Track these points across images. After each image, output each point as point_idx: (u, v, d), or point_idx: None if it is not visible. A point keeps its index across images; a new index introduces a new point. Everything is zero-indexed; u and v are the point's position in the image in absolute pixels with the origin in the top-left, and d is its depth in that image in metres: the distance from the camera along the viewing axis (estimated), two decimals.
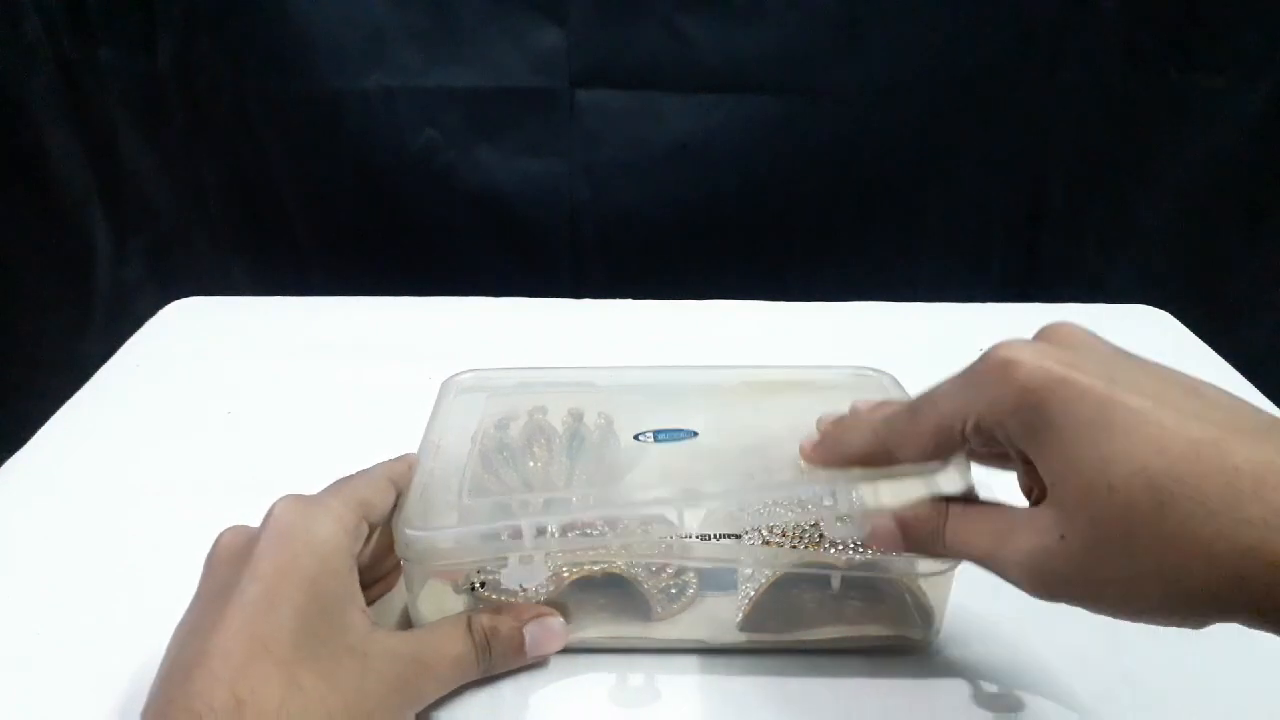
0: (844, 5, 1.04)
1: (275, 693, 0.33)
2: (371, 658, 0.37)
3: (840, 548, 0.45)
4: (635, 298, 0.80)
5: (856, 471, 0.40)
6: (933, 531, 0.38)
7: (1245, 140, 1.09)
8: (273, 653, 0.34)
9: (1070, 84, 1.09)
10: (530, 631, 0.43)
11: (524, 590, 0.45)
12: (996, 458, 0.39)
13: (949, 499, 0.39)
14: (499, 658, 0.43)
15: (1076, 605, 0.32)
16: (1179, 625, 0.31)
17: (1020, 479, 0.38)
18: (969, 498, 0.39)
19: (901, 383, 0.52)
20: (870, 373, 0.54)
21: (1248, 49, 1.04)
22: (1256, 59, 1.05)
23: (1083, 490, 0.31)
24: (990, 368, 0.34)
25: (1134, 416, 0.30)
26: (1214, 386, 0.32)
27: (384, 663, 0.37)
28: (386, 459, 0.45)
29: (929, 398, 0.37)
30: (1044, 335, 0.37)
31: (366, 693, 0.36)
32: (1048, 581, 0.32)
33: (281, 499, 0.39)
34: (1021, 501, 0.36)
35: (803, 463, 0.41)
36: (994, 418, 0.34)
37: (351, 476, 0.43)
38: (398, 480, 0.44)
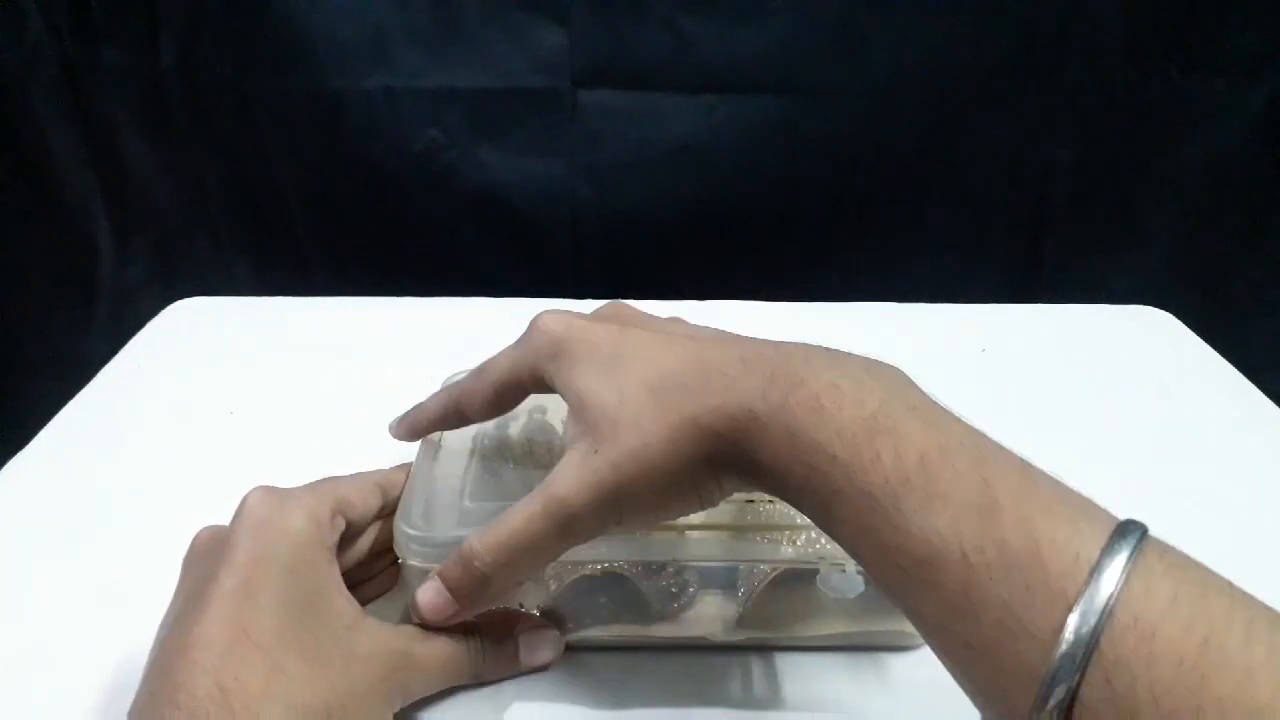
0: (845, 5, 1.04)
1: (259, 678, 0.33)
2: (358, 646, 0.37)
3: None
4: (636, 298, 0.79)
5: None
6: (472, 564, 0.38)
7: (1246, 140, 1.09)
8: (255, 639, 0.34)
9: (1071, 84, 1.09)
10: (525, 641, 0.43)
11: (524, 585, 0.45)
12: None
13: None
14: (490, 664, 0.43)
15: (626, 519, 0.37)
16: (694, 504, 0.37)
17: None
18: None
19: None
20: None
21: (1248, 49, 1.04)
22: (1257, 59, 1.05)
23: (602, 405, 0.37)
24: (534, 329, 0.42)
25: (636, 350, 0.38)
26: (710, 332, 0.41)
27: (371, 652, 0.37)
28: (382, 468, 0.46)
29: (491, 361, 0.44)
30: (593, 313, 0.44)
31: (352, 678, 0.36)
32: (602, 495, 0.36)
33: (253, 490, 0.39)
34: None
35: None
36: (539, 365, 0.40)
37: (332, 477, 0.43)
38: (387, 487, 0.44)
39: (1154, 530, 0.28)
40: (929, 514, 0.29)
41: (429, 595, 0.39)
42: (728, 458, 0.34)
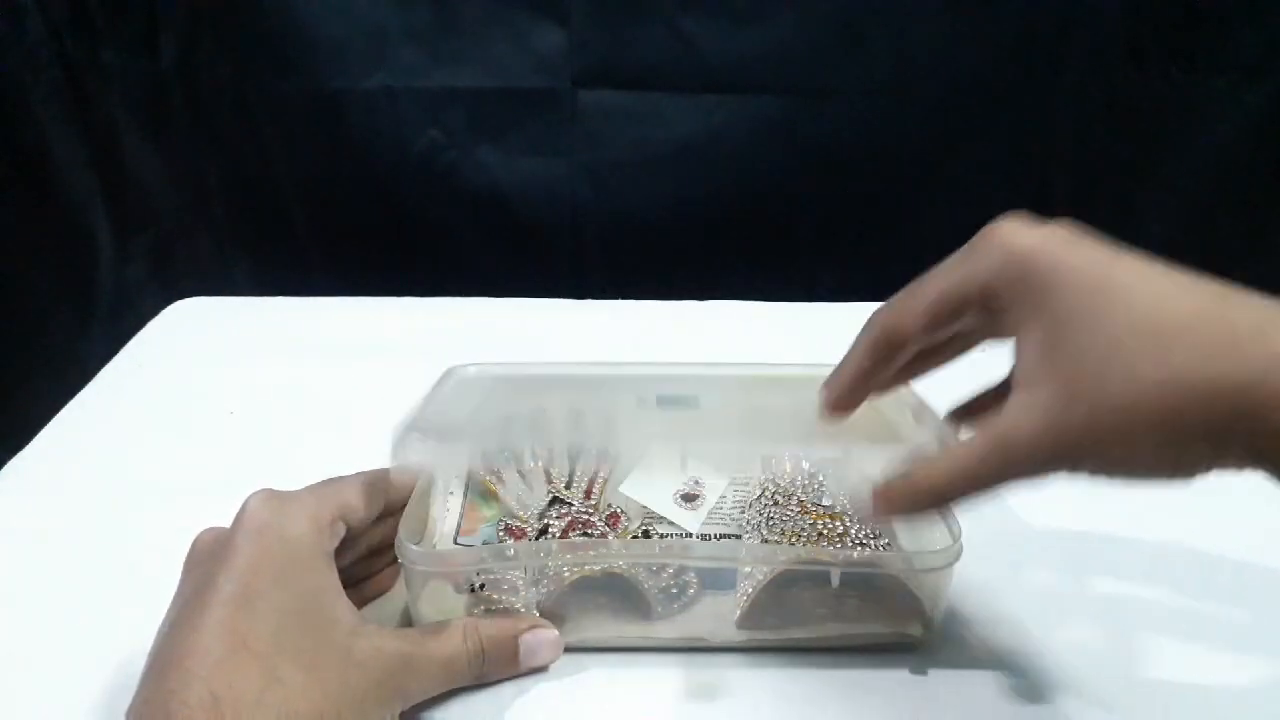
0: (845, 6, 1.04)
1: (253, 686, 0.33)
2: (355, 651, 0.37)
3: (839, 545, 0.45)
4: (636, 298, 0.80)
5: (861, 434, 0.43)
6: (917, 491, 0.37)
7: (1247, 141, 1.09)
8: (251, 647, 0.34)
9: (1072, 84, 1.09)
10: (525, 641, 0.43)
11: (524, 577, 0.45)
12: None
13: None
14: (492, 664, 0.43)
15: (1082, 470, 0.32)
16: (1171, 477, 0.32)
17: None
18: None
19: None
20: None
21: (1249, 50, 1.04)
22: (1258, 60, 1.05)
23: (1086, 347, 0.31)
24: (991, 239, 0.36)
25: (1134, 283, 0.32)
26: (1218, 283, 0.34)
27: (369, 657, 0.37)
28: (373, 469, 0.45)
29: (930, 272, 0.38)
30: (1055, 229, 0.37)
31: (349, 685, 0.36)
32: (1063, 446, 0.32)
33: (254, 494, 0.39)
34: None
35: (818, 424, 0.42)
36: (996, 285, 0.35)
37: (333, 479, 0.43)
38: (388, 487, 0.44)
39: (1154, 529, 0.28)
40: None
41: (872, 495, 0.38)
42: (1239, 436, 0.30)
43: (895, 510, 0.38)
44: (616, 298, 0.80)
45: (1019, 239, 0.35)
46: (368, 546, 0.45)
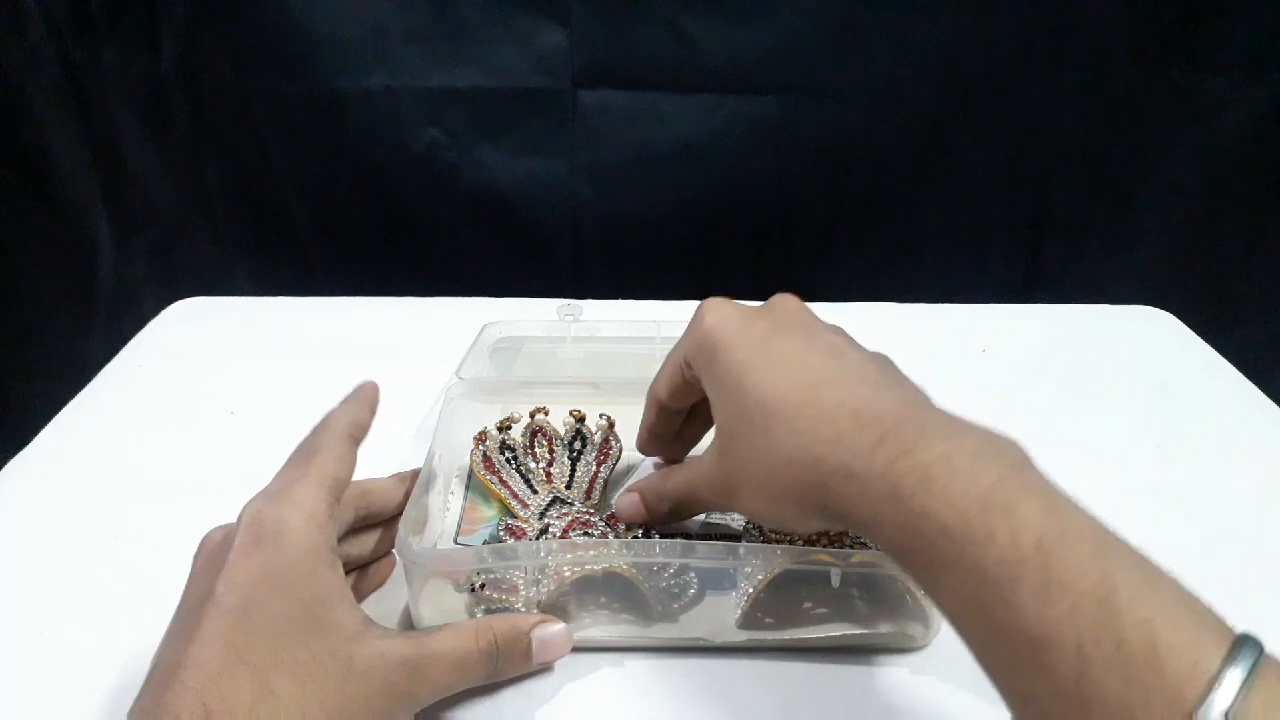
0: (845, 6, 1.04)
1: (245, 699, 0.32)
2: (357, 660, 0.36)
3: (839, 545, 0.45)
4: (636, 298, 0.80)
5: None
6: (659, 494, 0.46)
7: (1247, 141, 1.09)
8: (246, 659, 0.33)
9: (1072, 84, 1.09)
10: (538, 636, 0.43)
11: (524, 577, 0.45)
12: None
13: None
14: (506, 662, 0.42)
15: (735, 509, 0.45)
16: (789, 527, 0.41)
17: None
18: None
19: None
20: None
21: (1250, 50, 1.04)
22: (1259, 60, 1.05)
23: (728, 413, 0.40)
24: (695, 319, 0.43)
25: (765, 365, 0.39)
26: (862, 352, 0.41)
27: (371, 665, 0.36)
28: (340, 418, 0.45)
29: (674, 348, 0.46)
30: (765, 305, 0.44)
31: (348, 695, 0.35)
32: (715, 489, 0.42)
33: (254, 499, 0.39)
34: None
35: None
36: (690, 354, 0.43)
37: (312, 446, 0.42)
38: (356, 434, 0.44)
39: (1155, 528, 0.28)
40: (1045, 599, 0.28)
41: (629, 505, 0.47)
42: (823, 505, 0.36)
43: (647, 504, 0.47)
44: (615, 297, 0.80)
45: (707, 316, 0.42)
46: (356, 515, 0.45)
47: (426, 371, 0.65)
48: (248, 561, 0.36)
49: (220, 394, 0.67)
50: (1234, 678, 0.25)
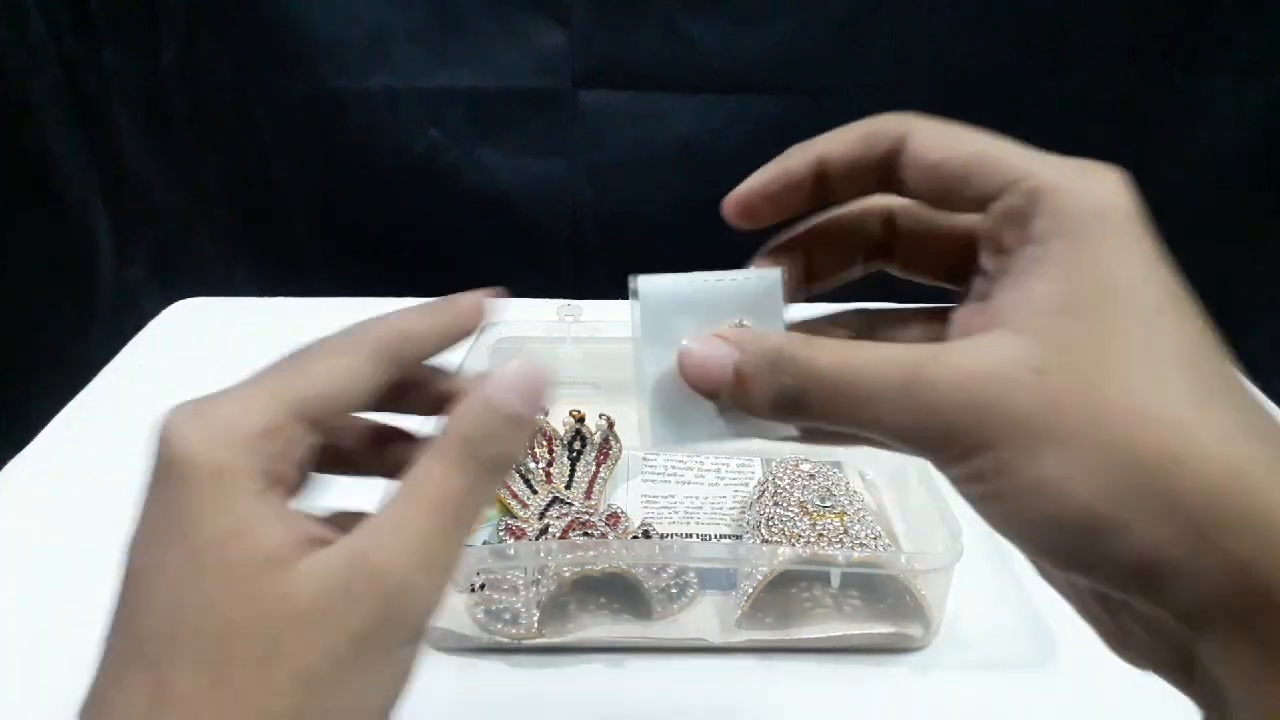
0: (845, 5, 1.04)
1: (138, 710, 0.24)
2: (290, 599, 0.24)
3: (839, 545, 0.45)
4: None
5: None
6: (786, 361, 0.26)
7: (1247, 141, 1.09)
8: (143, 652, 0.25)
9: (1072, 84, 1.09)
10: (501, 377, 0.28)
11: (524, 577, 0.45)
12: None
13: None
14: (495, 442, 0.27)
15: (969, 467, 0.23)
16: (1056, 564, 0.24)
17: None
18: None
19: None
20: None
21: (1248, 49, 1.04)
22: (1257, 59, 1.05)
23: (1107, 333, 0.23)
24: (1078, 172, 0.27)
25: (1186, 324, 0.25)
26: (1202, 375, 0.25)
27: (311, 607, 0.24)
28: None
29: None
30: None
31: (280, 666, 0.23)
32: (987, 428, 0.23)
33: (171, 410, 0.27)
34: None
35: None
36: (1031, 173, 0.26)
37: (310, 350, 0.29)
38: (395, 348, 0.29)
39: None
40: None
41: (706, 357, 0.28)
42: (1197, 529, 0.21)
43: (745, 370, 0.27)
44: (616, 298, 0.80)
45: (1103, 171, 0.26)
46: (365, 436, 0.32)
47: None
48: (147, 508, 0.26)
49: None
50: None
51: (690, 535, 0.52)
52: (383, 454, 0.32)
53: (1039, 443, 0.22)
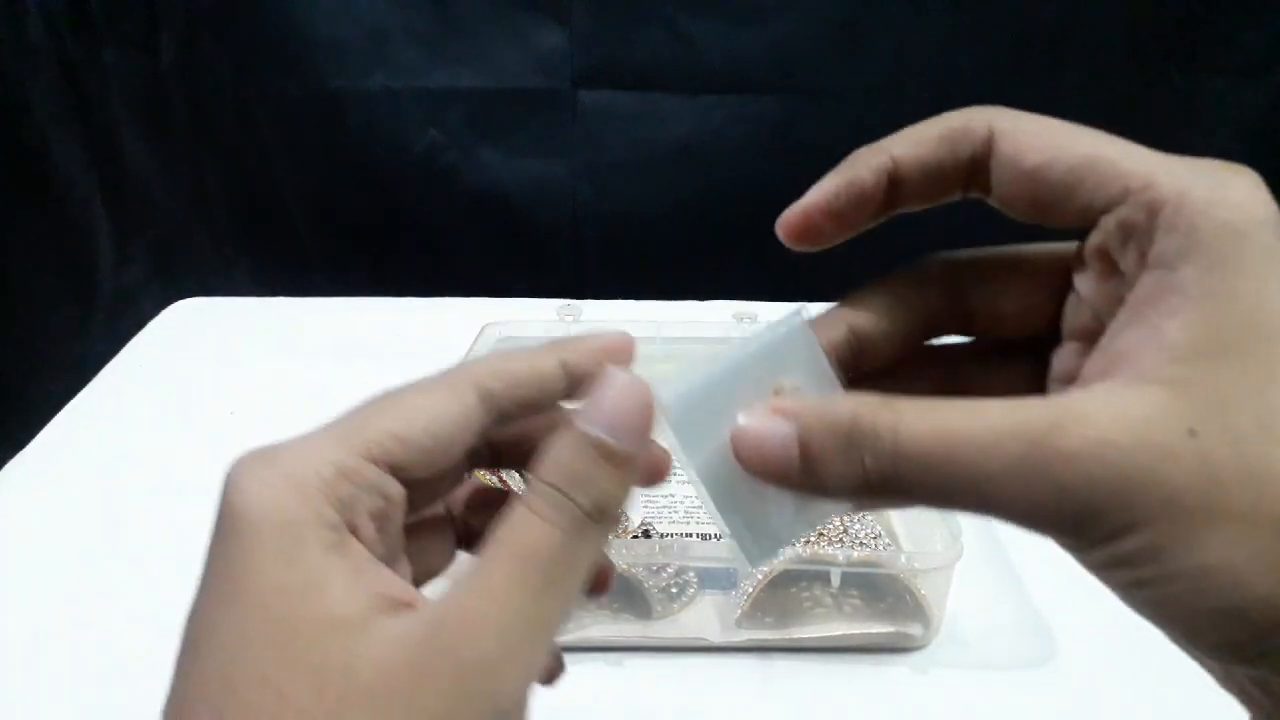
0: (845, 6, 1.04)
1: None
2: (358, 665, 0.21)
3: (839, 544, 0.45)
4: (636, 298, 0.80)
5: None
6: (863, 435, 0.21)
7: (1247, 141, 1.09)
8: (206, 698, 0.21)
9: (1072, 85, 1.09)
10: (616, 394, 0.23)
11: None
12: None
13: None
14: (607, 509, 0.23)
15: (1111, 556, 0.19)
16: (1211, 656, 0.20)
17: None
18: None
19: None
20: None
21: (1248, 50, 1.04)
22: (1257, 59, 1.05)
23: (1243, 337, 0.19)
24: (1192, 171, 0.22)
25: None
26: None
27: (378, 668, 0.21)
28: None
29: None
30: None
31: None
32: (1123, 513, 0.19)
33: (238, 461, 0.24)
34: None
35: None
36: (1161, 182, 0.22)
37: (407, 389, 0.25)
38: (495, 388, 0.25)
39: None
40: None
41: (762, 439, 0.22)
42: None
43: (810, 448, 0.21)
44: (616, 298, 0.80)
45: (1239, 179, 0.22)
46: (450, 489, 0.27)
47: (426, 372, 0.65)
48: (204, 572, 0.23)
49: (220, 394, 0.67)
50: None
51: (690, 535, 0.52)
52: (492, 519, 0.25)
53: (1200, 522, 0.18)
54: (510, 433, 0.25)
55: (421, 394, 0.24)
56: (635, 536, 0.48)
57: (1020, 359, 0.24)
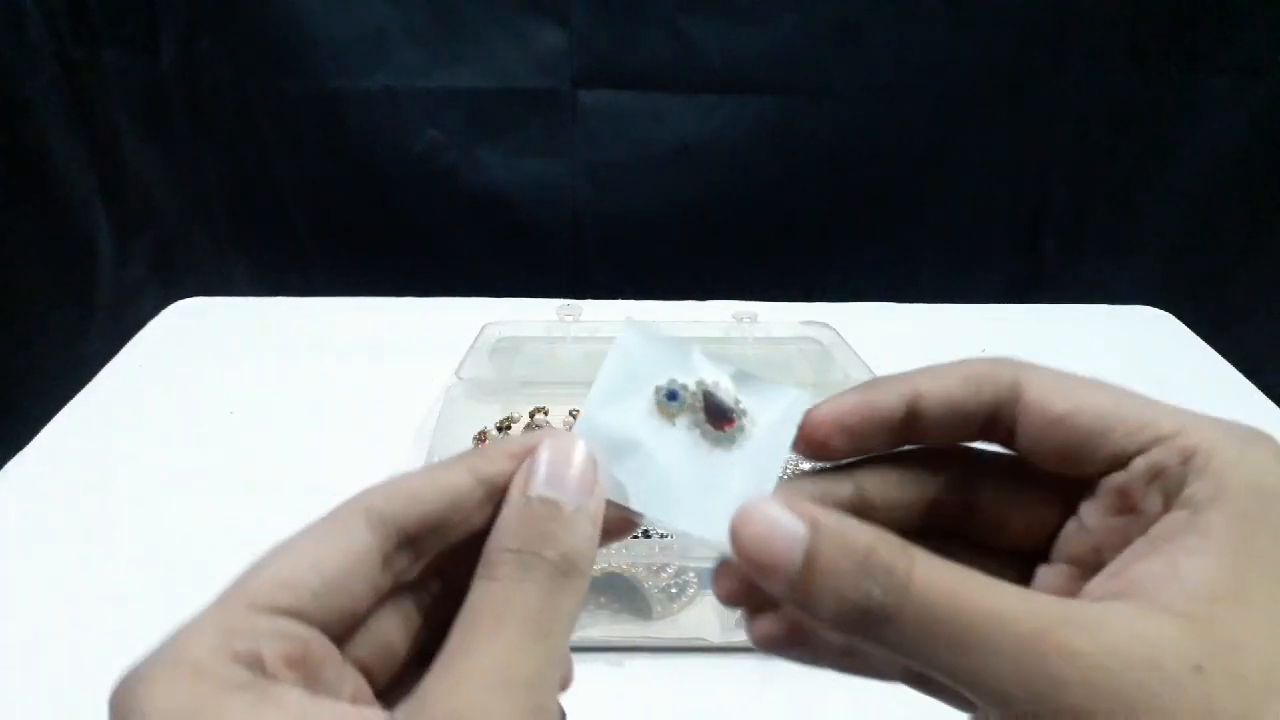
0: (844, 6, 1.04)
1: None
2: None
3: None
4: (636, 298, 0.80)
5: None
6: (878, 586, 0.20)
7: (1247, 140, 1.09)
8: None
9: (1072, 84, 1.09)
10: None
11: None
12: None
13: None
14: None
15: None
16: None
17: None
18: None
19: None
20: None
21: (1248, 49, 1.04)
22: (1257, 59, 1.05)
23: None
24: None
25: None
26: None
27: None
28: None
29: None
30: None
31: None
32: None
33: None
34: None
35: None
36: (1189, 430, 0.22)
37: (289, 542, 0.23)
38: (386, 515, 0.23)
39: None
40: None
41: (774, 527, 0.21)
42: None
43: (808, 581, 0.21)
44: (615, 297, 0.80)
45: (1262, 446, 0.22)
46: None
47: (426, 371, 0.65)
48: None
49: (220, 394, 0.67)
50: None
51: (690, 535, 0.52)
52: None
53: None
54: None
55: (306, 535, 0.23)
56: (635, 537, 0.48)
57: (1002, 568, 0.23)
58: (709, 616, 0.47)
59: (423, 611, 0.25)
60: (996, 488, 0.26)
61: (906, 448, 0.26)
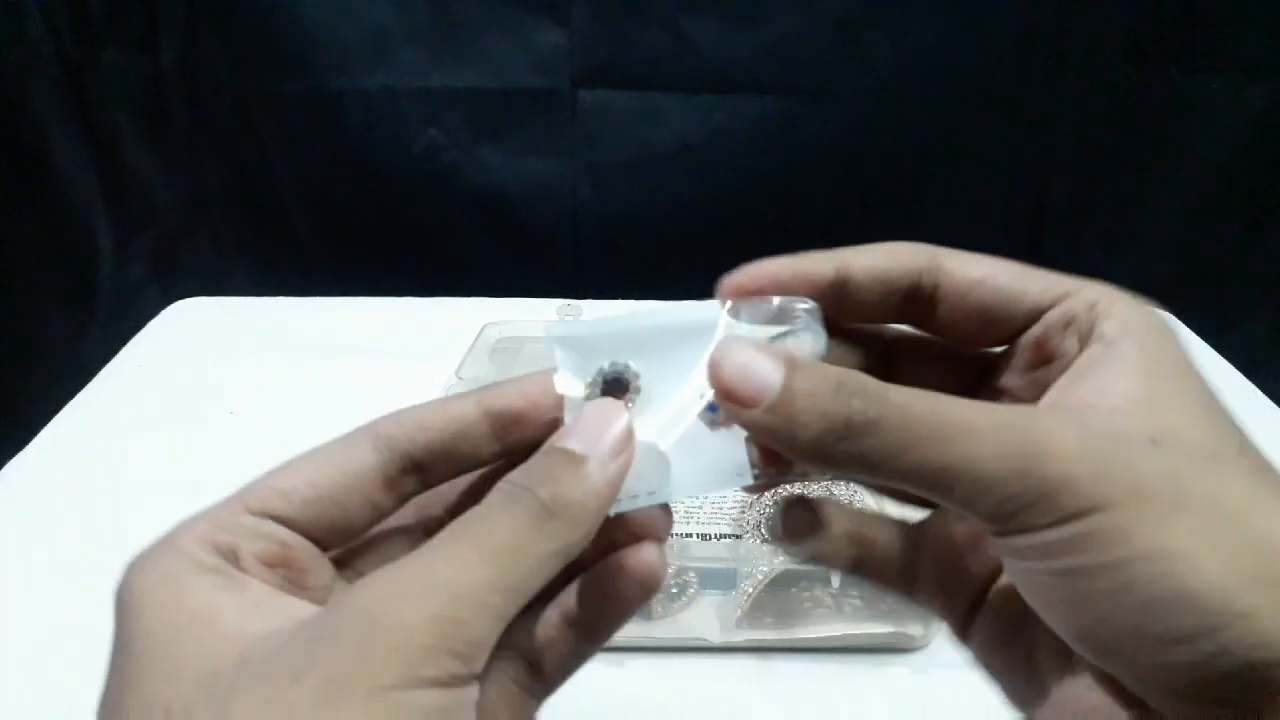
0: (845, 6, 1.04)
1: None
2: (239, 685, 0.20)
3: None
4: (636, 298, 0.80)
5: None
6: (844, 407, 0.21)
7: (1247, 140, 1.09)
8: None
9: (1072, 84, 1.09)
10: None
11: None
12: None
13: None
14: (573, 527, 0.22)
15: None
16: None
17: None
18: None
19: None
20: None
21: (1248, 49, 1.04)
22: (1258, 59, 1.05)
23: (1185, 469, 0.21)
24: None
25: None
26: None
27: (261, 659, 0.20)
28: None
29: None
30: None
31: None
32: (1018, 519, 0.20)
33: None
34: None
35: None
36: (1076, 296, 0.25)
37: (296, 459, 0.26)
38: (391, 439, 0.25)
39: None
40: None
41: (751, 359, 0.22)
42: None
43: (792, 406, 0.22)
44: (615, 297, 0.80)
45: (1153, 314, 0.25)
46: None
47: (426, 371, 0.65)
48: (110, 657, 0.25)
49: (220, 394, 0.67)
50: None
51: (690, 535, 0.52)
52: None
53: (1166, 508, 0.20)
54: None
55: (315, 451, 0.25)
56: None
57: None
58: (709, 616, 0.47)
59: None
60: (914, 370, 0.28)
61: None
